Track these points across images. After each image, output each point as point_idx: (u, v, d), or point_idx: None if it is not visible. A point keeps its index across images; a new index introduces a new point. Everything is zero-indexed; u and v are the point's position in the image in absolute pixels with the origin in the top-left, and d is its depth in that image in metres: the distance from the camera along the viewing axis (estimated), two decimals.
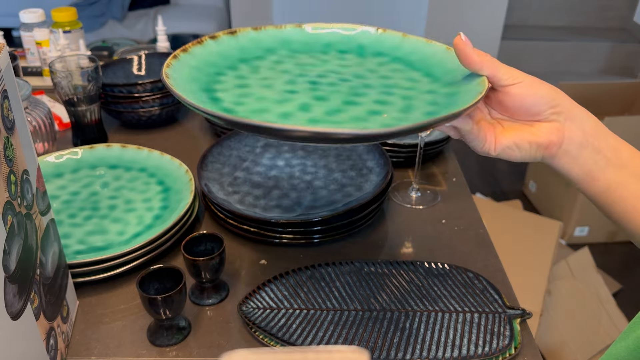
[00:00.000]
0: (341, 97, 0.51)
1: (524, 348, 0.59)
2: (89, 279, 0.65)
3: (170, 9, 3.00)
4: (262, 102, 0.50)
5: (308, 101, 0.50)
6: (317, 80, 0.54)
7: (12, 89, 0.47)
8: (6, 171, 0.44)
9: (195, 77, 0.52)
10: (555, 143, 0.49)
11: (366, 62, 0.59)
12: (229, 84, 0.53)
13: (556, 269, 1.68)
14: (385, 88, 0.54)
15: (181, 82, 0.49)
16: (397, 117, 0.49)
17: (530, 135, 0.49)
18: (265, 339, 0.59)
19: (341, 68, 0.57)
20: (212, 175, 0.81)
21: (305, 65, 0.57)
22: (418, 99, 0.52)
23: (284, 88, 0.52)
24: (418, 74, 0.57)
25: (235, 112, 0.48)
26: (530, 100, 0.48)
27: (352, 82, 0.54)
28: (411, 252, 0.75)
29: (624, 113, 2.36)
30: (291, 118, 0.48)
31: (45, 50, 1.20)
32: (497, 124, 0.51)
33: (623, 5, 3.16)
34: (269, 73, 0.56)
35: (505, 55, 3.02)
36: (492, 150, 0.50)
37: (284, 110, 0.49)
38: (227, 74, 0.55)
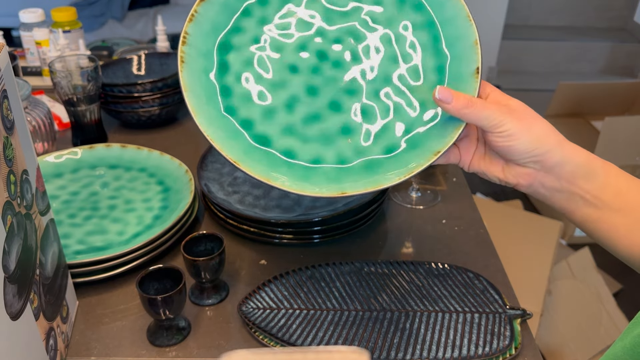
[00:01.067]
0: (332, 92, 0.54)
1: (525, 348, 0.59)
2: (88, 279, 0.65)
3: (170, 9, 3.00)
4: (260, 82, 0.53)
5: (299, 93, 0.53)
6: (327, 51, 0.54)
7: (12, 89, 0.47)
8: (6, 171, 0.44)
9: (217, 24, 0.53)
10: (523, 185, 0.50)
11: (398, 19, 0.56)
12: (246, 36, 0.54)
13: (556, 269, 1.68)
14: (383, 84, 0.54)
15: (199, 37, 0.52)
16: (357, 148, 0.52)
17: (500, 173, 0.51)
18: (265, 339, 0.59)
19: (366, 28, 0.55)
20: (212, 175, 0.80)
21: (334, 10, 0.55)
22: (400, 116, 0.53)
23: (289, 60, 0.54)
24: (432, 62, 0.54)
25: (232, 93, 0.52)
26: (506, 149, 0.49)
27: (360, 63, 0.54)
28: (411, 252, 0.74)
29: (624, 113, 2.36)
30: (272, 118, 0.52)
31: (45, 50, 1.20)
32: (480, 145, 0.53)
33: (623, 5, 3.16)
34: (292, 18, 0.55)
35: (505, 55, 3.02)
36: (466, 167, 0.53)
37: (270, 105, 0.53)
38: (254, 12, 0.55)
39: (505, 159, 0.51)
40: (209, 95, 0.51)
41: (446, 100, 0.48)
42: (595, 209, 0.49)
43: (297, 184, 0.49)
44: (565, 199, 0.50)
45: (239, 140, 0.51)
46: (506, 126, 0.47)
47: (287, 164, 0.51)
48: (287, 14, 0.55)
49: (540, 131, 0.48)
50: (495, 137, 0.48)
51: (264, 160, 0.51)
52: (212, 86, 0.52)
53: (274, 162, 0.51)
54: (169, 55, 1.10)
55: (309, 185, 0.50)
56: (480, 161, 0.52)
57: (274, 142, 0.52)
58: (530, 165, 0.49)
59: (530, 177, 0.50)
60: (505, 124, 0.47)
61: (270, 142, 0.52)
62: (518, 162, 0.50)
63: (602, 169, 0.49)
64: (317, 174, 0.51)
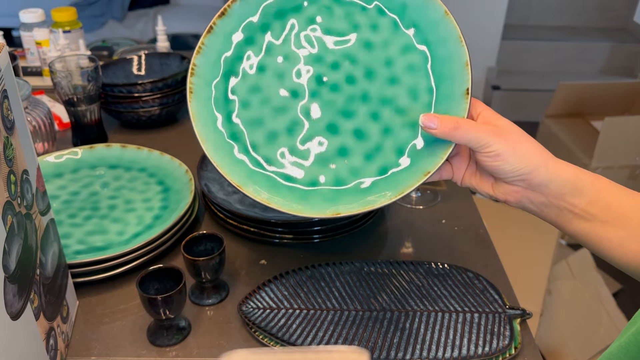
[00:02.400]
0: (330, 115, 0.56)
1: (524, 348, 0.59)
2: (89, 279, 0.65)
3: (170, 9, 3.00)
4: (263, 107, 0.56)
5: (298, 118, 0.56)
6: (325, 74, 0.57)
7: (12, 89, 0.47)
8: (6, 171, 0.44)
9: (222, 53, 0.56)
10: (511, 202, 0.52)
11: (394, 41, 0.57)
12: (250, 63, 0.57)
13: (556, 269, 1.68)
14: (379, 106, 0.56)
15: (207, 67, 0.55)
16: (352, 169, 0.55)
17: (490, 190, 0.53)
18: (265, 339, 0.59)
19: (363, 50, 0.57)
20: (212, 175, 0.81)
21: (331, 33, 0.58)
22: (394, 137, 0.56)
23: (290, 85, 0.57)
24: (425, 82, 0.56)
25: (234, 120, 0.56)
26: (493, 169, 0.51)
27: (356, 86, 0.57)
28: (411, 252, 0.75)
29: (624, 113, 2.36)
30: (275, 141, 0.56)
31: (45, 50, 1.20)
32: (471, 162, 0.55)
33: (623, 5, 3.16)
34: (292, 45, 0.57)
35: (505, 55, 3.02)
36: (459, 183, 0.55)
37: (273, 128, 0.56)
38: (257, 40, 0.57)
39: (494, 177, 0.53)
40: (215, 123, 0.55)
41: (431, 126, 0.50)
42: (585, 222, 0.50)
43: (296, 206, 0.53)
44: (555, 214, 0.51)
45: (242, 164, 0.54)
46: (493, 147, 0.49)
47: (288, 186, 0.54)
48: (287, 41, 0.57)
49: (526, 151, 0.49)
50: (483, 156, 0.50)
51: (266, 182, 0.54)
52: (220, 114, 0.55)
53: (274, 184, 0.54)
54: (169, 55, 1.10)
55: (308, 207, 0.53)
56: (472, 178, 0.55)
57: (275, 164, 0.55)
58: (518, 183, 0.51)
59: (518, 194, 0.51)
60: (492, 144, 0.49)
61: (272, 164, 0.55)
62: (506, 180, 0.51)
63: (591, 185, 0.50)
64: (314, 195, 0.54)
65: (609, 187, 0.50)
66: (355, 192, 0.54)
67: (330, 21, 0.58)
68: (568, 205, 0.50)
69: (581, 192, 0.49)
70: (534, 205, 0.52)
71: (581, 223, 0.50)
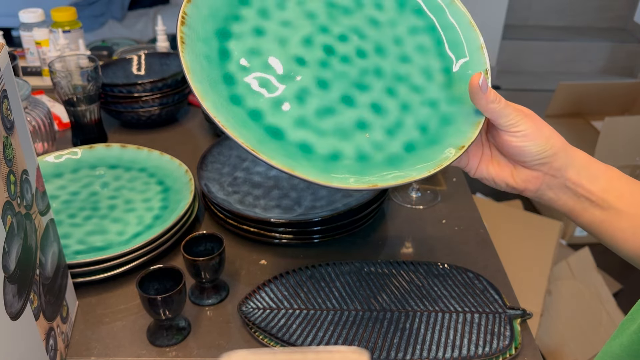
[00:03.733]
0: (343, 86, 0.52)
1: (524, 348, 0.59)
2: (88, 279, 0.65)
3: (170, 9, 3.00)
4: (266, 72, 0.50)
5: (308, 86, 0.51)
6: (334, 46, 0.53)
7: (12, 89, 0.47)
8: (5, 171, 0.44)
9: (216, 9, 0.51)
10: (531, 189, 0.51)
11: (400, 22, 0.56)
12: (246, 25, 0.52)
13: (556, 269, 1.68)
14: (393, 81, 0.53)
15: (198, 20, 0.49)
16: (376, 142, 0.50)
17: (509, 177, 0.52)
18: (265, 339, 0.59)
19: (370, 26, 0.55)
20: (212, 175, 0.80)
21: (336, 8, 0.55)
22: (414, 113, 0.53)
23: (295, 52, 0.52)
24: (439, 63, 0.55)
25: (236, 81, 0.49)
26: (519, 150, 0.50)
27: (367, 60, 0.54)
28: (411, 252, 0.74)
29: (624, 113, 2.36)
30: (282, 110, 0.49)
31: (45, 50, 1.20)
32: (486, 149, 0.53)
33: (623, 5, 3.16)
34: (293, 13, 0.54)
35: (505, 55, 3.02)
36: (472, 173, 0.53)
37: (279, 95, 0.50)
38: (252, 2, 0.53)
39: (515, 161, 0.52)
40: (212, 82, 0.48)
41: (484, 89, 0.48)
42: (601, 210, 0.50)
43: (323, 176, 0.46)
44: (572, 202, 0.51)
45: (251, 129, 0.47)
46: (522, 126, 0.49)
47: (306, 157, 0.48)
48: (288, 8, 0.54)
49: (549, 133, 0.50)
50: (511, 136, 0.49)
51: (281, 150, 0.47)
52: (214, 73, 0.49)
53: (292, 155, 0.47)
54: (169, 55, 1.10)
55: (336, 177, 0.47)
56: (489, 165, 0.53)
57: (288, 135, 0.48)
58: (538, 167, 0.50)
59: (538, 180, 0.51)
60: (521, 124, 0.49)
61: (284, 135, 0.48)
62: (527, 165, 0.51)
63: (603, 173, 0.50)
64: (338, 167, 0.48)
65: (620, 177, 0.50)
66: (385, 165, 0.49)
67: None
68: (585, 192, 0.50)
69: (596, 178, 0.50)
70: (553, 191, 0.51)
71: (597, 211, 0.50)
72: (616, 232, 0.50)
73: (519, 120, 0.49)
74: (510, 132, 0.49)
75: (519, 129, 0.49)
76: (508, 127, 0.49)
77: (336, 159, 0.48)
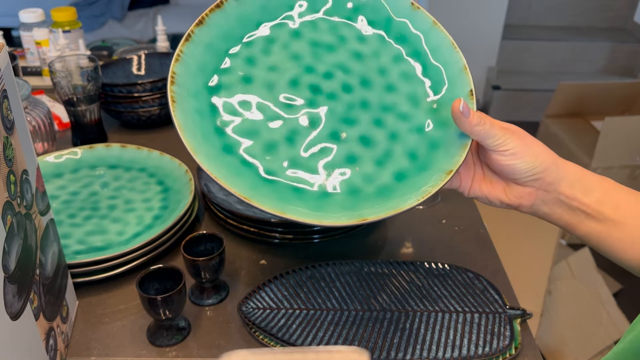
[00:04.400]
0: (332, 123, 0.53)
1: (525, 348, 0.59)
2: (88, 279, 0.65)
3: (170, 9, 3.00)
4: (255, 118, 0.52)
5: (297, 127, 0.52)
6: (320, 85, 0.55)
7: (12, 89, 0.47)
8: (5, 171, 0.44)
9: (204, 64, 0.52)
10: (525, 205, 0.52)
11: (383, 52, 0.58)
12: (234, 76, 0.53)
13: (556, 269, 1.68)
14: (380, 112, 0.55)
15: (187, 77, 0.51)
16: (366, 175, 0.52)
17: (502, 195, 0.52)
18: (265, 339, 0.59)
19: (354, 60, 0.56)
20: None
21: (320, 47, 0.56)
22: (402, 141, 0.54)
23: (283, 95, 0.54)
24: (423, 88, 0.56)
25: (226, 133, 0.51)
26: (509, 168, 0.50)
27: (354, 94, 0.55)
28: (411, 252, 0.74)
29: (624, 113, 2.36)
30: (275, 151, 0.51)
31: (45, 50, 1.20)
32: (477, 169, 0.54)
33: (623, 5, 3.16)
34: (279, 57, 0.55)
35: (505, 55, 3.02)
36: (466, 193, 0.54)
37: (270, 139, 0.52)
38: (239, 53, 0.54)
39: (506, 178, 0.52)
40: (205, 135, 0.50)
41: (466, 113, 0.49)
42: (597, 222, 0.50)
43: (314, 215, 0.48)
44: (568, 216, 0.51)
45: (244, 176, 0.49)
46: (509, 145, 0.49)
47: (299, 196, 0.49)
48: (273, 52, 0.55)
49: (537, 149, 0.50)
50: (500, 155, 0.50)
51: (273, 194, 0.49)
52: (207, 126, 0.51)
53: (284, 195, 0.49)
54: (169, 55, 1.10)
55: (326, 214, 0.48)
56: (482, 184, 0.54)
57: (281, 177, 0.50)
58: (531, 184, 0.51)
59: (531, 196, 0.51)
60: (509, 143, 0.49)
61: (277, 178, 0.50)
62: (519, 182, 0.51)
63: (598, 185, 0.50)
64: (330, 203, 0.50)
65: (615, 188, 0.50)
66: (375, 197, 0.51)
67: (315, 34, 0.57)
68: (580, 205, 0.50)
69: (590, 191, 0.50)
70: (547, 206, 0.51)
71: (593, 223, 0.50)
72: (614, 243, 0.50)
73: (506, 139, 0.49)
74: (498, 152, 0.50)
75: (506, 147, 0.49)
76: (496, 147, 0.50)
77: (328, 195, 0.50)
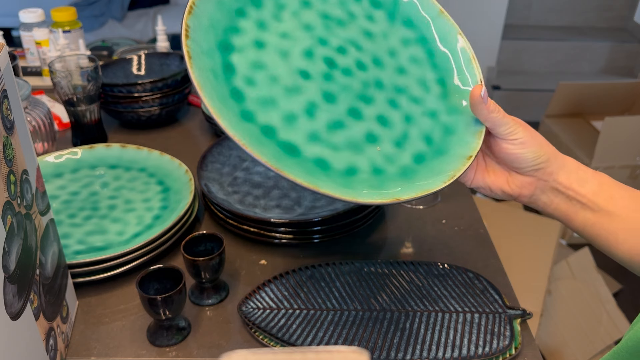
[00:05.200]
0: (349, 99, 0.51)
1: (525, 348, 0.59)
2: (88, 279, 0.65)
3: (170, 9, 3.00)
4: (272, 85, 0.49)
5: (316, 99, 0.50)
6: (334, 58, 0.53)
7: (12, 89, 0.47)
8: (6, 171, 0.44)
9: (215, 20, 0.50)
10: (525, 195, 0.54)
11: (392, 34, 0.57)
12: (246, 37, 0.51)
13: (556, 269, 1.68)
14: (394, 93, 0.54)
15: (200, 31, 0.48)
16: (387, 155, 0.50)
17: (504, 184, 0.54)
18: (265, 339, 0.59)
19: (365, 38, 0.55)
20: (212, 175, 0.80)
21: (331, 20, 0.55)
22: (417, 125, 0.53)
23: (298, 65, 0.51)
24: (433, 75, 0.56)
25: (245, 97, 0.48)
26: (516, 157, 0.52)
27: (367, 72, 0.54)
28: (411, 252, 0.74)
29: (624, 113, 2.36)
30: (294, 124, 0.48)
31: (45, 50, 1.20)
32: (480, 159, 0.56)
33: (623, 5, 3.16)
34: (291, 25, 0.53)
35: (505, 55, 3.02)
36: (468, 183, 0.56)
37: (290, 109, 0.49)
38: (249, 14, 0.52)
39: (510, 168, 0.54)
40: (222, 98, 0.46)
41: (485, 99, 0.51)
42: (592, 212, 0.51)
43: (346, 192, 0.45)
44: (565, 205, 0.53)
45: (265, 146, 0.46)
46: (519, 134, 0.51)
47: (324, 172, 0.47)
48: (284, 20, 0.53)
49: (542, 141, 0.52)
50: (509, 144, 0.52)
51: (299, 167, 0.46)
52: (222, 89, 0.47)
53: (311, 171, 0.46)
54: (169, 55, 1.10)
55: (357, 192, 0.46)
56: (485, 174, 0.55)
57: (303, 151, 0.47)
58: (533, 173, 0.52)
59: (532, 185, 0.53)
60: (519, 132, 0.51)
61: (299, 151, 0.47)
62: (522, 171, 0.53)
63: (593, 177, 0.52)
64: (356, 181, 0.47)
65: (610, 182, 0.52)
66: (400, 179, 0.49)
67: (325, 6, 0.55)
68: (575, 194, 0.52)
69: (585, 181, 0.52)
70: (546, 195, 0.53)
71: (588, 214, 0.52)
72: (609, 235, 0.51)
73: (517, 128, 0.51)
74: (508, 140, 0.51)
75: (516, 136, 0.51)
76: (507, 135, 0.51)
77: (353, 173, 0.48)
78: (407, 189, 0.48)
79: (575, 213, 0.52)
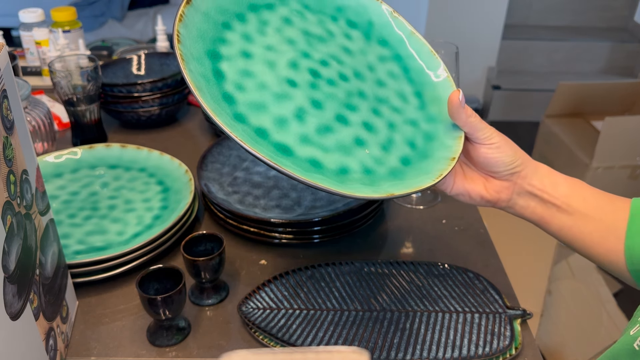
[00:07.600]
0: (335, 106, 0.53)
1: (525, 348, 0.59)
2: (88, 279, 0.65)
3: (170, 9, 3.00)
4: (262, 91, 0.51)
5: (304, 105, 0.52)
6: (318, 70, 0.55)
7: (12, 89, 0.47)
8: (5, 171, 0.44)
9: (203, 31, 0.51)
10: (503, 199, 0.55)
11: (369, 51, 0.60)
12: (234, 48, 0.52)
13: (557, 269, 1.68)
14: (376, 103, 0.56)
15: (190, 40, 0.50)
16: (376, 158, 0.52)
17: (483, 190, 0.55)
18: (265, 340, 0.59)
19: (344, 54, 0.58)
20: (212, 175, 0.80)
21: (311, 37, 0.57)
22: (400, 131, 0.55)
23: (285, 74, 0.53)
24: (410, 88, 0.59)
25: (236, 101, 0.49)
26: (495, 161, 0.53)
27: (350, 83, 0.56)
28: (411, 252, 0.74)
29: (624, 113, 2.36)
30: (286, 127, 0.50)
31: (45, 50, 1.20)
32: (459, 168, 0.57)
33: (623, 5, 3.16)
34: (275, 39, 0.55)
35: (505, 55, 3.02)
36: (448, 191, 0.57)
37: (280, 113, 0.50)
38: (235, 27, 0.54)
39: (487, 172, 0.55)
40: (215, 100, 0.47)
41: (463, 103, 0.52)
42: (568, 215, 0.53)
43: (342, 187, 0.46)
44: (541, 208, 0.54)
45: (261, 145, 0.47)
46: (495, 139, 0.53)
47: (319, 171, 0.48)
48: (268, 34, 0.55)
49: (515, 146, 0.54)
50: (487, 148, 0.53)
51: (295, 165, 0.47)
52: (214, 92, 0.48)
53: (306, 170, 0.47)
54: (169, 55, 1.10)
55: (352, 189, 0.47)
56: (464, 181, 0.56)
57: (296, 152, 0.49)
58: (509, 177, 0.54)
59: (509, 190, 0.54)
60: (495, 137, 0.53)
61: (292, 152, 0.48)
62: (498, 176, 0.54)
63: (565, 181, 0.54)
64: (350, 180, 0.49)
65: (582, 185, 0.54)
66: (391, 178, 0.51)
67: (305, 24, 0.58)
68: (550, 197, 0.53)
69: (557, 185, 0.53)
70: (523, 199, 0.54)
71: (564, 217, 0.53)
72: (585, 237, 0.52)
73: (492, 133, 0.53)
74: (486, 145, 0.53)
75: (493, 141, 0.53)
76: (484, 140, 0.53)
77: (345, 172, 0.50)
78: (399, 185, 0.50)
79: (552, 216, 0.54)
